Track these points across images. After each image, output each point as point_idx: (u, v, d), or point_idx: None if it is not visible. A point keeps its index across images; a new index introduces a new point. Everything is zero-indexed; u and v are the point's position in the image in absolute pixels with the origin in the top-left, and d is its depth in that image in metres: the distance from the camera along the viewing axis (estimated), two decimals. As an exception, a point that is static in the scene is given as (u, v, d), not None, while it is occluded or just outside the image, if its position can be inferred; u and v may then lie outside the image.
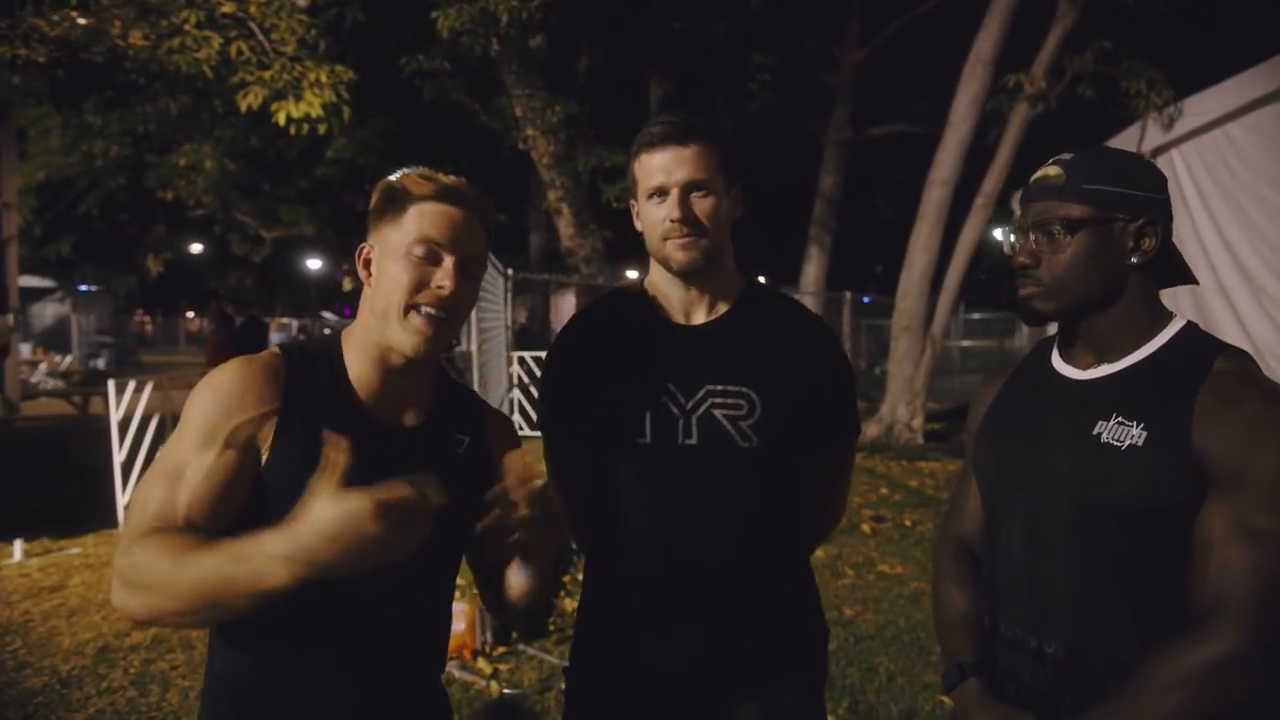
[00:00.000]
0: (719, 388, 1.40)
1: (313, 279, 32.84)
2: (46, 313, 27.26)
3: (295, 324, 29.48)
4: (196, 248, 26.49)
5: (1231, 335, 6.04)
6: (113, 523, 5.74)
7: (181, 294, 35.93)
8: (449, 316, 1.23)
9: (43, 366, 18.37)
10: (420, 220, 1.22)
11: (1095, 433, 1.15)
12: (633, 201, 1.48)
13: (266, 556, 0.99)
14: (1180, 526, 1.09)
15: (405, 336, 1.22)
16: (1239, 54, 6.33)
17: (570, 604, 4.16)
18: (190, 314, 38.39)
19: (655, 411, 1.40)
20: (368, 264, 1.27)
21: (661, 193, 1.40)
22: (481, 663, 3.64)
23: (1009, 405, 1.31)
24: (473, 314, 3.92)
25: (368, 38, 9.41)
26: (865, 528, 6.03)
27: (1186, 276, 1.25)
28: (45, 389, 15.51)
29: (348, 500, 0.98)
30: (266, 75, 6.49)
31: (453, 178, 1.29)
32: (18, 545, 5.29)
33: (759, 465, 1.39)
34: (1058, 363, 1.26)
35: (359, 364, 1.26)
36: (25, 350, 21.82)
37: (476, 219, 1.27)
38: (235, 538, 1.04)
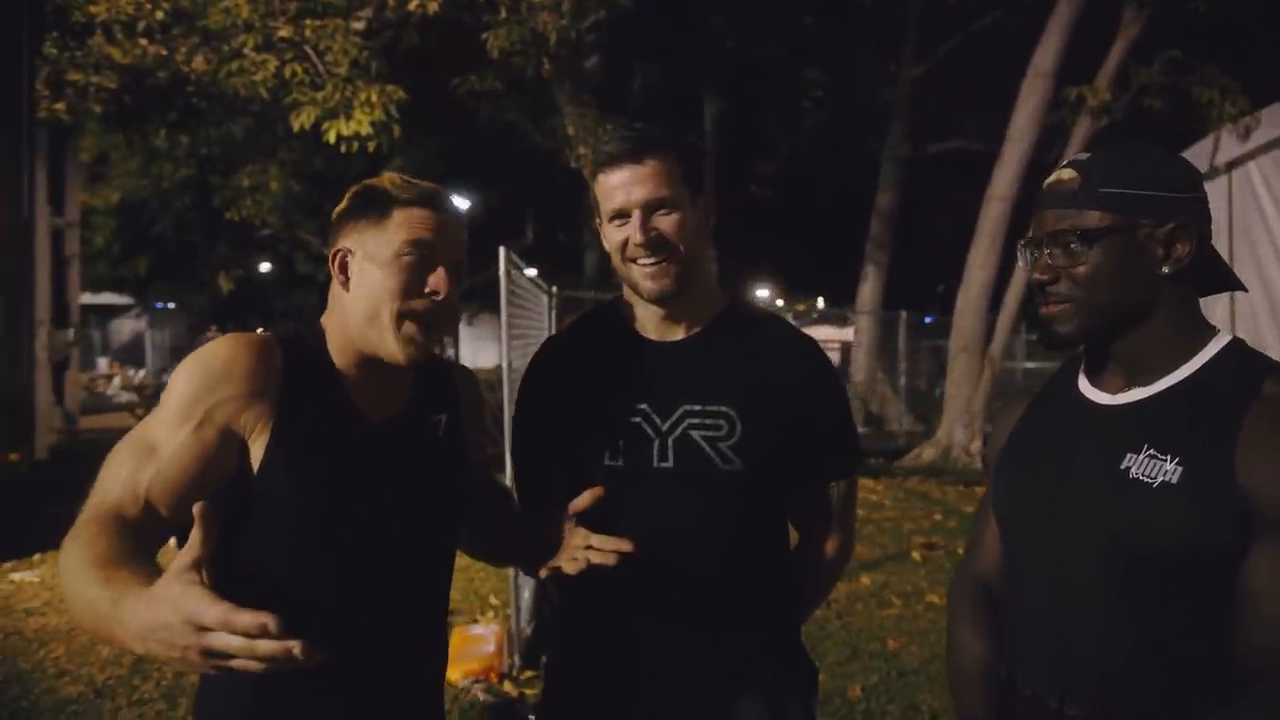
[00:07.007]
0: (697, 408, 1.30)
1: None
2: (124, 329, 28.44)
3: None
4: (265, 266, 27.32)
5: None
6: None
7: (252, 311, 37.16)
8: (442, 323, 1.20)
9: (117, 380, 19.08)
10: (409, 224, 1.18)
11: (1124, 466, 1.01)
12: (597, 221, 1.37)
13: (117, 619, 0.88)
14: (1222, 572, 0.95)
15: (399, 346, 1.17)
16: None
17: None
18: (261, 330, 39.69)
19: (628, 433, 1.31)
20: (344, 268, 1.21)
21: (622, 215, 1.30)
22: (508, 685, 3.57)
23: (1030, 433, 1.18)
24: (504, 329, 3.89)
25: (422, 59, 9.58)
26: (916, 555, 5.79)
27: (1229, 282, 1.10)
28: (119, 402, 16.11)
29: (184, 601, 0.82)
30: (319, 95, 6.64)
31: (429, 183, 1.25)
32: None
33: (742, 490, 1.29)
34: (1084, 386, 1.13)
35: (341, 359, 1.21)
36: (102, 364, 22.82)
37: (457, 224, 1.24)
38: (135, 570, 0.92)
